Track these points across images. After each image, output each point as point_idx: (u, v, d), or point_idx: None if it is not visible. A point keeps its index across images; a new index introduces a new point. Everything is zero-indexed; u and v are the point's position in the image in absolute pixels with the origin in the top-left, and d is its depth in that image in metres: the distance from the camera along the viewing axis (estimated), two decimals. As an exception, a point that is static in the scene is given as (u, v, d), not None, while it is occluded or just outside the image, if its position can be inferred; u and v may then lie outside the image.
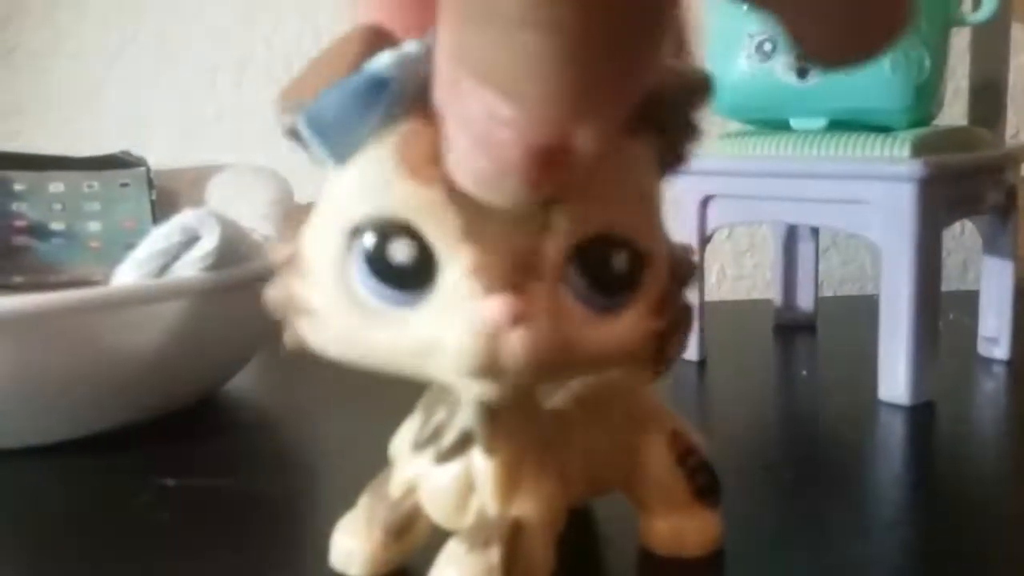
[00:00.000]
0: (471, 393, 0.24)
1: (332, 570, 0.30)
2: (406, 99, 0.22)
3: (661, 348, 0.25)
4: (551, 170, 0.19)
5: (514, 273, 0.22)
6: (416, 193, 0.22)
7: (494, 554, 0.27)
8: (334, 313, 0.23)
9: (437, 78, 0.19)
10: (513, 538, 0.27)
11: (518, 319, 0.21)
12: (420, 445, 0.28)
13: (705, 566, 0.33)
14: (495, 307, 0.21)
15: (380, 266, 0.22)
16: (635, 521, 0.33)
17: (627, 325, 0.24)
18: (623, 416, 0.32)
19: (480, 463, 0.27)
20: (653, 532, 0.33)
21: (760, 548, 0.34)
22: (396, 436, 0.31)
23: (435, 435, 0.28)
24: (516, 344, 0.21)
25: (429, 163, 0.22)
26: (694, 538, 0.33)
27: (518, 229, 0.22)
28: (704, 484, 0.33)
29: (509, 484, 0.28)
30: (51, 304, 0.41)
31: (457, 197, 0.21)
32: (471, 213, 0.22)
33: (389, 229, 0.22)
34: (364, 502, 0.31)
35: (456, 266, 0.22)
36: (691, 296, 0.26)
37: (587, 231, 0.23)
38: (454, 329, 0.22)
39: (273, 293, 0.25)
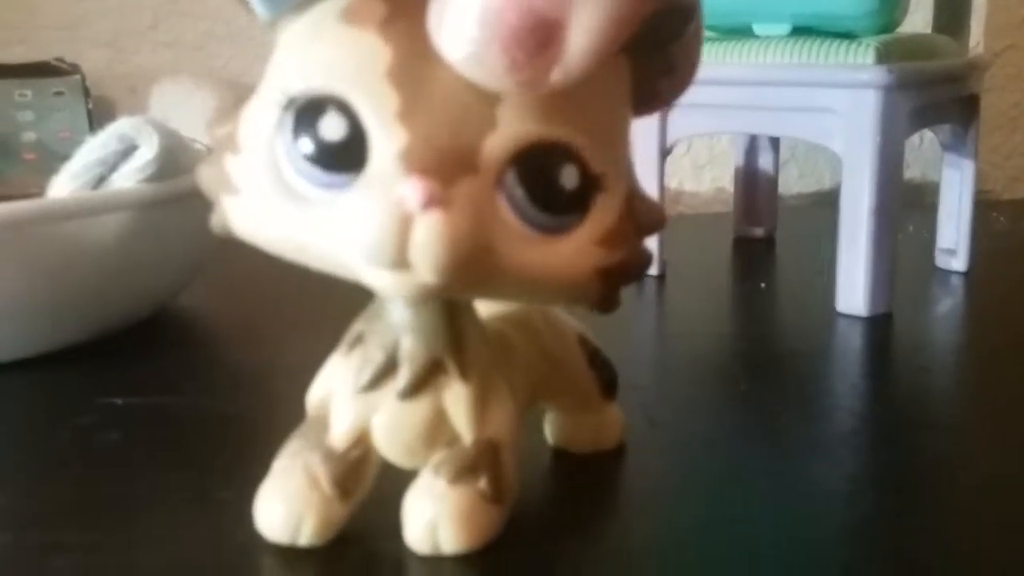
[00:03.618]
0: (379, 287, 0.22)
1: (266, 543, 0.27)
2: None
3: (607, 289, 0.23)
4: (539, 51, 0.18)
5: (446, 162, 0.20)
6: (355, 65, 0.20)
7: (483, 481, 0.26)
8: (260, 192, 0.22)
9: None
10: (495, 461, 0.26)
11: (432, 203, 0.20)
12: (369, 385, 0.26)
13: (629, 463, 0.33)
14: (410, 187, 0.20)
15: (308, 143, 0.21)
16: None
17: (568, 251, 0.22)
18: (543, 326, 0.31)
19: (453, 391, 0.26)
20: (574, 433, 0.34)
21: (717, 461, 0.34)
22: (315, 384, 0.28)
23: (387, 371, 0.26)
24: (427, 231, 0.20)
25: (375, 34, 0.20)
26: (611, 432, 0.34)
27: (460, 118, 0.20)
28: (610, 380, 0.33)
29: (482, 407, 0.26)
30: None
31: (399, 73, 0.20)
32: (411, 93, 0.20)
33: (321, 103, 0.21)
34: (294, 463, 0.27)
35: (387, 148, 0.20)
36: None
37: (534, 135, 0.21)
38: (367, 211, 0.20)
39: (206, 171, 0.23)
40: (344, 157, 0.21)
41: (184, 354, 0.46)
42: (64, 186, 0.46)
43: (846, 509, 0.30)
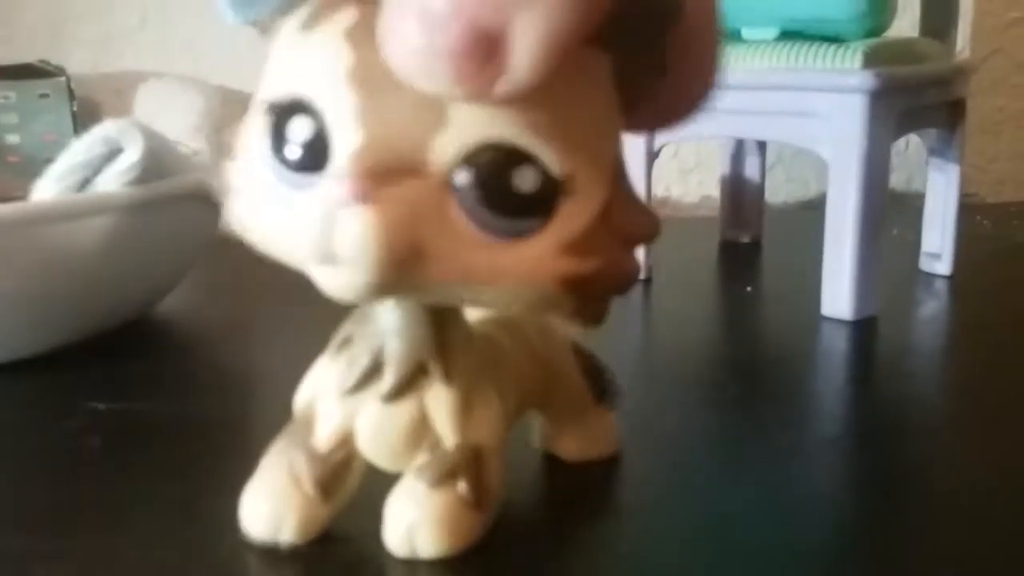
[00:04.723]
0: (320, 284, 0.22)
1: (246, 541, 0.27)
2: None
3: (580, 300, 0.22)
4: (485, 61, 0.18)
5: (393, 162, 0.20)
6: (319, 69, 0.21)
7: (462, 486, 0.26)
8: (252, 194, 0.23)
9: None
10: (476, 466, 0.26)
11: (359, 199, 0.20)
12: (354, 388, 0.26)
13: (617, 469, 0.33)
14: (339, 184, 0.20)
15: (282, 145, 0.22)
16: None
17: (527, 257, 0.21)
18: (535, 332, 0.31)
19: (436, 394, 0.26)
20: (565, 440, 0.33)
21: (703, 465, 0.34)
22: (303, 385, 0.28)
23: (372, 373, 0.26)
24: (351, 225, 0.20)
25: (341, 40, 0.21)
26: (604, 440, 0.34)
27: (412, 118, 0.20)
28: (604, 388, 0.33)
29: (466, 412, 0.26)
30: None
31: (358, 76, 0.21)
32: (369, 95, 0.21)
33: (291, 107, 0.22)
34: (279, 462, 0.27)
35: (344, 148, 0.21)
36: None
37: (485, 136, 0.20)
38: (307, 209, 0.21)
39: (216, 175, 0.24)
40: (311, 158, 0.21)
41: (168, 357, 0.46)
42: (48, 189, 0.45)
43: (832, 513, 0.30)
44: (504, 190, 0.21)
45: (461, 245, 0.21)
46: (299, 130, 0.22)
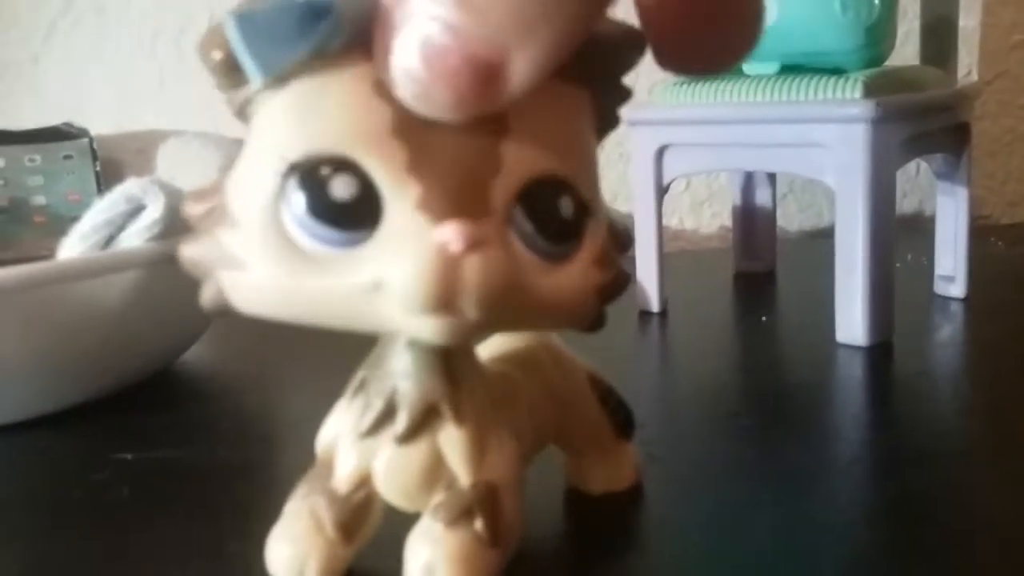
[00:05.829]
0: (418, 333, 0.22)
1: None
2: (345, 33, 0.21)
3: (600, 307, 0.25)
4: (484, 88, 0.19)
5: (464, 207, 0.21)
6: (359, 126, 0.21)
7: (478, 524, 0.26)
8: (266, 263, 0.22)
9: None
10: (492, 504, 0.27)
11: (475, 244, 0.21)
12: (370, 430, 0.27)
13: (636, 501, 0.34)
14: (452, 231, 0.21)
15: (320, 205, 0.21)
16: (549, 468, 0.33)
17: (574, 275, 0.23)
18: (551, 367, 0.32)
19: (449, 434, 0.27)
20: (586, 474, 0.34)
21: (720, 496, 0.34)
22: (323, 428, 0.29)
23: (386, 416, 0.26)
24: (473, 270, 0.21)
25: (372, 95, 0.21)
26: (624, 472, 0.34)
27: (468, 165, 0.22)
28: (624, 420, 0.34)
29: (479, 451, 0.27)
30: (-3, 281, 0.40)
31: (402, 129, 0.21)
32: (417, 146, 0.21)
33: (329, 165, 0.21)
34: (301, 506, 0.28)
35: (403, 199, 0.21)
36: (647, 252, 0.26)
37: (534, 171, 0.22)
38: (405, 261, 0.21)
39: (192, 250, 0.23)
40: (357, 214, 0.21)
41: (194, 407, 0.47)
42: (74, 247, 0.47)
43: (850, 540, 0.30)
44: (555, 217, 0.23)
45: (530, 274, 0.23)
46: (342, 187, 0.21)
